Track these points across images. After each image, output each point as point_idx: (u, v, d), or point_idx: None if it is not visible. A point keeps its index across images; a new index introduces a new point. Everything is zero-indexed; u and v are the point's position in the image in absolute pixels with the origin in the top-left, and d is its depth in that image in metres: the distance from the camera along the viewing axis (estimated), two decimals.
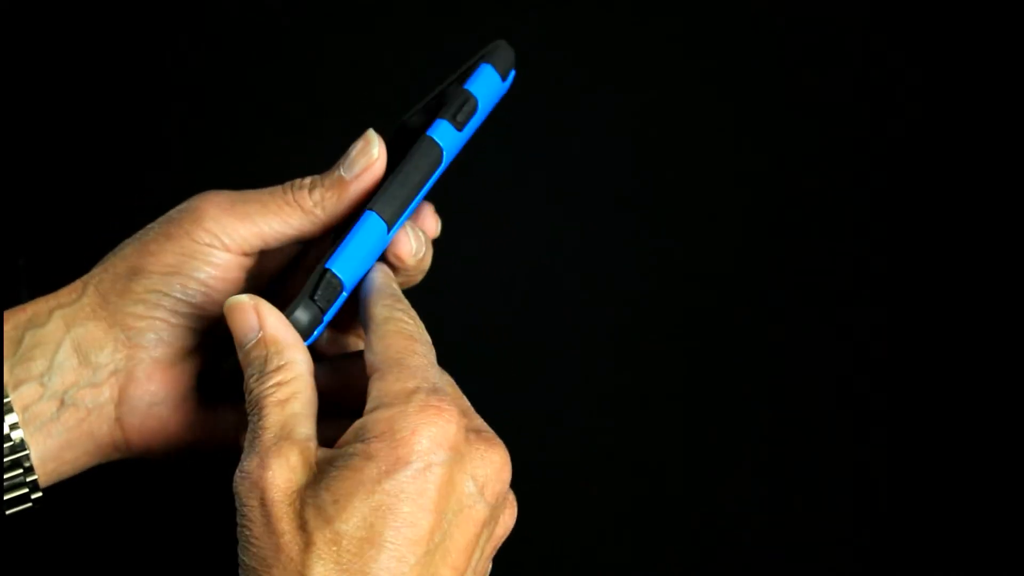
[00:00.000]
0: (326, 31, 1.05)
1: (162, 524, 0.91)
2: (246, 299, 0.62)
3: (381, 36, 1.05)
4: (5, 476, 0.64)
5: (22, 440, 0.63)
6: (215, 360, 0.67)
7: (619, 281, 1.02)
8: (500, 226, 1.03)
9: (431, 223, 0.71)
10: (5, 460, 0.64)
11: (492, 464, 0.58)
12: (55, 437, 0.64)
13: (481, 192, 1.02)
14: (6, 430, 0.63)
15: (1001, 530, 0.96)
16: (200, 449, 0.67)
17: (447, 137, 0.66)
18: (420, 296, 0.74)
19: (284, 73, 1.04)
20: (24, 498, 0.65)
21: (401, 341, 0.60)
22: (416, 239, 0.67)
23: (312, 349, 0.63)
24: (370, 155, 0.65)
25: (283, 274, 0.71)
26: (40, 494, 0.65)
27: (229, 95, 1.03)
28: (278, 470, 0.57)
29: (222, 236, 0.65)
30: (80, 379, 0.64)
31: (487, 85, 0.68)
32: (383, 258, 0.67)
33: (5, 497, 0.64)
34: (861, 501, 0.97)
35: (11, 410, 0.63)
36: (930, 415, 0.99)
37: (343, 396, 0.65)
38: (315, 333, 0.63)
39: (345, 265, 0.63)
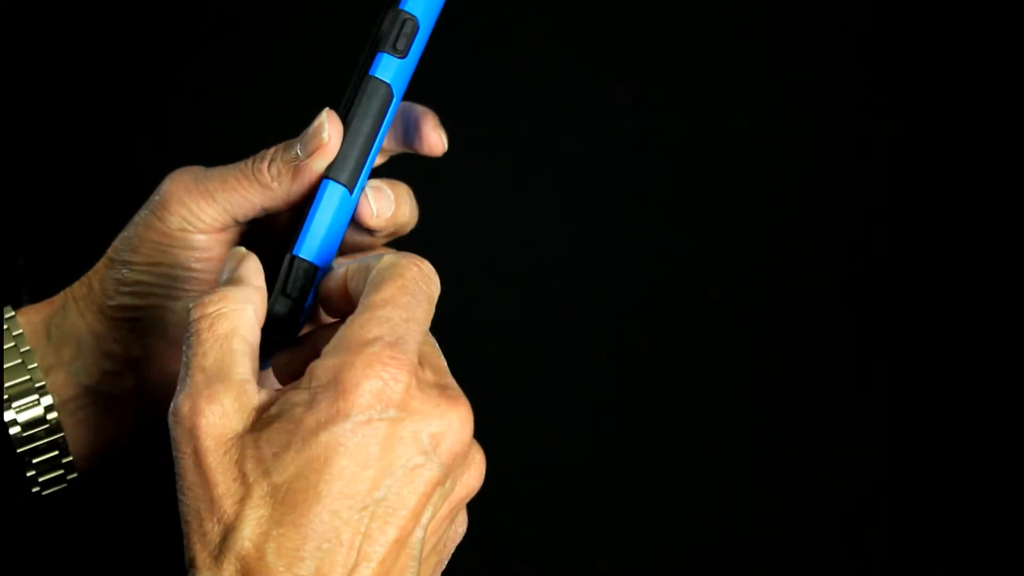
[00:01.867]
0: (327, 30, 1.05)
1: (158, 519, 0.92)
2: (240, 250, 0.60)
3: None
4: (41, 457, 0.64)
5: (57, 422, 0.64)
6: None
7: (619, 281, 1.02)
8: (500, 226, 1.03)
9: (434, 138, 0.67)
10: (43, 441, 0.64)
11: (449, 422, 0.54)
12: (85, 424, 0.65)
13: (481, 192, 1.02)
14: (41, 412, 0.64)
15: (1001, 530, 0.96)
16: None
17: (391, 70, 0.63)
18: None
19: (286, 73, 1.04)
20: (60, 479, 0.65)
21: (391, 288, 0.56)
22: (377, 199, 0.64)
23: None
24: (320, 138, 0.63)
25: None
26: (76, 475, 0.65)
27: (231, 95, 1.03)
28: (211, 416, 0.53)
29: (191, 219, 0.64)
30: (102, 367, 0.65)
31: None
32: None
33: (41, 479, 0.64)
34: (861, 501, 0.97)
35: (47, 393, 0.64)
36: (931, 415, 0.99)
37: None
38: (301, 321, 0.62)
39: (312, 245, 0.61)
